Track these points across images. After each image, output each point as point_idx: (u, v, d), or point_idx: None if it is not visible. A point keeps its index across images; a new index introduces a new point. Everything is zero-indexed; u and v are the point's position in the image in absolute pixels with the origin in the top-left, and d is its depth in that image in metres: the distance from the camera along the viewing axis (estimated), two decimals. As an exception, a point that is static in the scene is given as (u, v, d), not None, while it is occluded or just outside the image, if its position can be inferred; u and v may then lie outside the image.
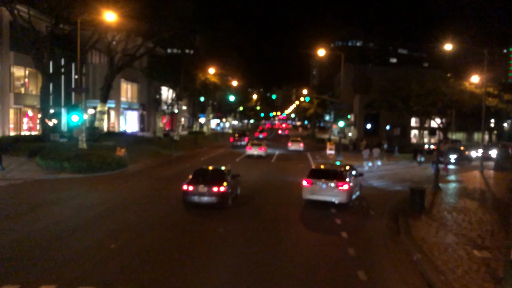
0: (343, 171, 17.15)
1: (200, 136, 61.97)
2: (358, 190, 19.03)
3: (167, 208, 16.54)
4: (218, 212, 15.73)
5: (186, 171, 26.91)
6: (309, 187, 16.68)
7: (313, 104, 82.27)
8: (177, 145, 45.32)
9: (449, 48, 30.16)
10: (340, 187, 16.32)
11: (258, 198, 19.35)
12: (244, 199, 18.55)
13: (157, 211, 16.04)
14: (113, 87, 45.46)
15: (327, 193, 16.49)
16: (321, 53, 35.48)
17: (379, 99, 42.03)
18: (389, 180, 26.13)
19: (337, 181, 16.36)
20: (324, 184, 16.49)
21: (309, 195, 16.81)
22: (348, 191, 16.43)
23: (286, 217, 15.59)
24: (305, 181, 16.84)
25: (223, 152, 42.39)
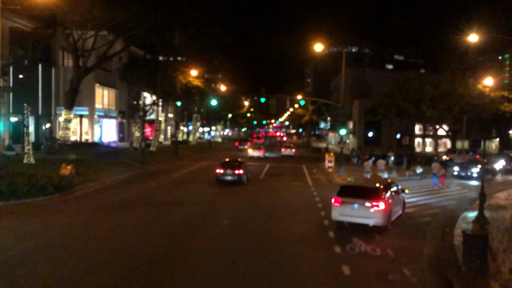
0: (379, 188, 14.87)
1: (184, 146, 56.00)
2: (400, 209, 16.82)
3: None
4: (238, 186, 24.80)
5: (146, 194, 21.07)
6: (339, 207, 14.72)
7: (308, 111, 76.68)
8: (153, 158, 39.40)
9: (474, 39, 24.52)
10: (376, 207, 14.11)
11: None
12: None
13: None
14: (80, 91, 39.45)
15: (360, 214, 14.36)
16: (319, 48, 29.80)
17: (386, 102, 36.27)
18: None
19: (372, 199, 14.19)
20: (356, 203, 14.38)
21: (339, 216, 14.82)
22: (385, 212, 14.22)
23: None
24: (335, 200, 14.89)
25: (204, 167, 36.43)
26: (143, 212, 16.82)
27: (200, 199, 20.02)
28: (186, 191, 22.60)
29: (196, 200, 19.76)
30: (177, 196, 20.96)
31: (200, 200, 19.75)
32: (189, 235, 13.72)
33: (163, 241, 12.88)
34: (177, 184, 25.07)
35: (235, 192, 22.44)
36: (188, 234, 13.92)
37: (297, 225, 15.52)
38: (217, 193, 22.15)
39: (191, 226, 14.94)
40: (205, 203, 19.16)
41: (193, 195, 21.31)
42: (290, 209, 18.25)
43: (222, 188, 23.85)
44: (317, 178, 29.51)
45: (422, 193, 23.64)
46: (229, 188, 23.93)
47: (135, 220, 15.49)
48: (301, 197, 21.51)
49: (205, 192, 22.22)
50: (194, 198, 20.50)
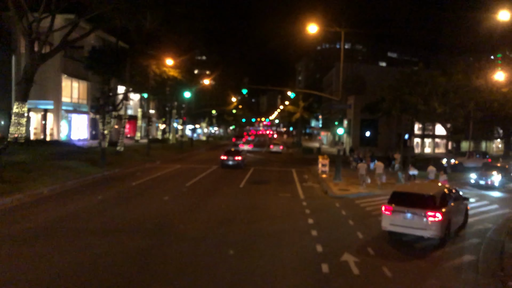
0: (435, 196, 13.12)
1: (161, 145, 50.45)
2: (461, 219, 15.21)
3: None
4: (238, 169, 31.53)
5: (80, 214, 15.69)
6: (390, 215, 13.18)
7: (299, 108, 71.48)
8: (119, 159, 33.88)
9: (507, 17, 19.47)
10: (431, 217, 12.47)
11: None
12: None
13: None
14: (35, 82, 33.64)
15: (414, 225, 12.75)
16: (313, 29, 24.50)
17: (390, 97, 31.12)
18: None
19: (427, 209, 12.58)
20: (409, 212, 12.84)
21: (390, 226, 13.29)
22: (441, 223, 12.53)
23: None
24: (385, 208, 13.33)
25: (176, 171, 31.07)
26: (54, 248, 11.41)
27: (150, 223, 14.64)
28: (137, 208, 17.18)
29: (143, 225, 14.34)
30: (120, 216, 15.52)
31: (148, 225, 14.35)
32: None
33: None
34: (132, 196, 19.65)
35: (201, 209, 17.09)
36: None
37: (283, 276, 10.22)
38: (177, 211, 16.81)
39: (115, 276, 9.57)
40: (154, 230, 13.77)
41: (144, 214, 15.90)
42: (272, 242, 12.95)
43: (186, 203, 18.51)
44: (310, 187, 24.27)
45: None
46: (196, 202, 18.59)
47: (31, 263, 10.09)
48: (288, 218, 16.22)
49: (162, 210, 16.83)
50: (142, 220, 15.09)
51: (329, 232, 14.12)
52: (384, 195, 22.11)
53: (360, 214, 17.14)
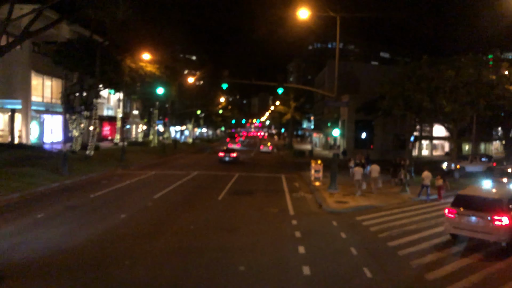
0: (502, 198, 12.56)
1: (141, 148, 46.68)
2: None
3: None
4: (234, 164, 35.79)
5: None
6: (454, 219, 12.75)
7: (290, 108, 67.99)
8: (87, 165, 30.15)
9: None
10: (497, 222, 11.82)
11: None
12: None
13: None
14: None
15: (478, 229, 12.23)
16: (304, 14, 21.00)
17: (390, 95, 27.67)
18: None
19: (493, 213, 11.97)
20: (474, 216, 12.35)
21: (453, 229, 12.85)
22: (509, 228, 11.77)
23: None
24: (449, 211, 12.95)
25: (149, 178, 27.40)
26: None
27: (87, 256, 10.96)
28: (80, 231, 13.45)
29: (73, 261, 10.66)
30: (49, 245, 11.76)
31: (82, 261, 10.67)
32: None
33: None
34: (82, 214, 15.91)
35: (162, 233, 13.43)
36: None
37: None
38: (129, 237, 13.13)
39: None
40: (85, 269, 10.09)
41: (83, 243, 12.18)
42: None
43: (146, 223, 14.85)
44: (301, 199, 20.69)
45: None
46: (158, 221, 14.93)
47: None
48: (273, 245, 12.61)
49: (111, 235, 13.11)
50: (77, 251, 11.40)
51: (325, 268, 10.57)
52: (387, 208, 18.69)
53: (364, 238, 13.62)
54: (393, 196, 21.78)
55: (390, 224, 15.46)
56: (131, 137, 63.36)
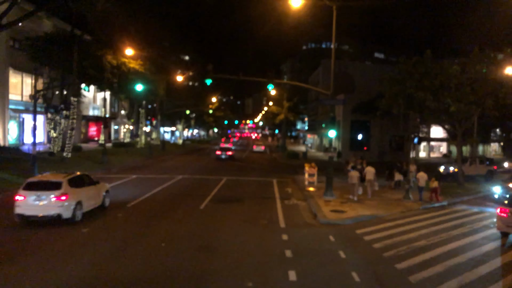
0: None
1: (126, 150, 44.34)
2: None
3: None
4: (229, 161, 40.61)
5: None
6: (507, 218, 13.45)
7: (283, 108, 65.86)
8: (62, 167, 27.84)
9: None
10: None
11: None
12: None
13: None
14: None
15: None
16: (297, 2, 18.89)
17: (390, 93, 25.59)
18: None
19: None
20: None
21: (506, 228, 13.60)
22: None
23: None
24: (501, 210, 13.65)
25: (129, 183, 25.17)
26: None
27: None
28: (11, 261, 11.25)
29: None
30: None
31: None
32: None
33: None
34: (32, 230, 13.67)
35: (127, 253, 11.23)
36: None
37: None
38: (90, 258, 10.92)
39: None
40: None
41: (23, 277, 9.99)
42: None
43: (112, 239, 12.63)
44: (293, 207, 18.53)
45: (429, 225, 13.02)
46: (127, 236, 12.72)
47: None
48: (259, 270, 10.42)
49: (67, 263, 10.92)
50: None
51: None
52: (390, 218, 16.61)
53: (367, 258, 11.49)
54: (396, 204, 19.71)
55: (396, 239, 13.37)
56: (119, 138, 61.03)
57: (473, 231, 14.93)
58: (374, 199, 20.67)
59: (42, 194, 13.35)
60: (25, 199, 13.29)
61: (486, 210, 19.06)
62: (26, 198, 13.29)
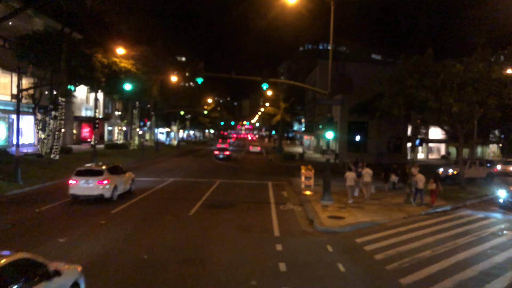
0: None
1: (117, 151, 43.25)
2: None
3: None
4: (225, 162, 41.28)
5: None
6: None
7: (279, 109, 64.91)
8: (49, 170, 26.84)
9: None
10: None
11: None
12: None
13: None
14: None
15: None
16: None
17: (389, 93, 24.62)
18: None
19: None
20: None
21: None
22: None
23: None
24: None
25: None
26: None
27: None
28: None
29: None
30: None
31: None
32: None
33: None
34: (7, 238, 12.62)
35: (106, 264, 10.18)
36: None
37: None
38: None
39: None
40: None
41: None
42: None
43: (91, 251, 11.57)
44: (289, 213, 17.52)
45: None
46: (108, 247, 11.67)
47: None
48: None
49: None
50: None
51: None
52: (391, 225, 15.64)
53: (368, 271, 10.49)
54: (397, 209, 18.73)
55: (399, 249, 12.37)
56: (114, 139, 59.85)
57: (480, 239, 13.97)
58: (374, 204, 19.70)
59: (89, 179, 17.69)
60: (77, 182, 17.69)
61: (491, 216, 18.12)
62: (77, 182, 17.70)
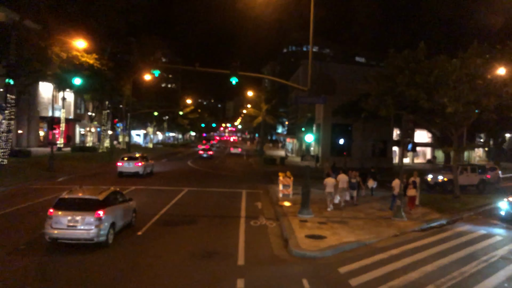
0: None
1: (83, 155, 39.91)
2: None
3: None
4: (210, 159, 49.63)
5: None
6: None
7: (261, 111, 62.24)
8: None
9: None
10: None
11: None
12: None
13: None
14: None
15: None
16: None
17: (377, 92, 22.12)
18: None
19: None
20: None
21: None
22: None
23: None
24: None
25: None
26: None
27: None
28: None
29: None
30: None
31: None
32: None
33: None
34: None
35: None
36: None
37: None
38: None
39: None
40: None
41: None
42: None
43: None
44: (260, 231, 14.71)
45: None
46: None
47: None
48: None
49: None
50: None
51: None
52: (382, 246, 13.01)
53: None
54: (386, 224, 16.14)
55: (394, 284, 9.72)
56: (86, 142, 56.32)
57: (491, 267, 11.42)
58: (359, 217, 17.12)
59: (130, 162, 28.39)
60: (122, 164, 28.25)
61: (495, 233, 15.66)
62: (123, 164, 28.26)
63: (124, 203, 13.49)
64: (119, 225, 12.82)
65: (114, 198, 12.82)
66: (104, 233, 11.50)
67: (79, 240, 11.32)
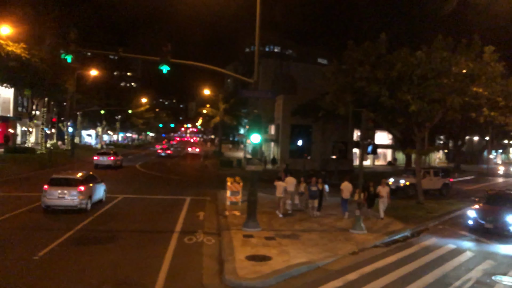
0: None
1: (17, 156, 35.85)
2: None
3: None
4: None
5: None
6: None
7: (219, 111, 59.58)
8: None
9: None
10: None
11: None
12: None
13: None
14: None
15: None
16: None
17: (335, 88, 20.07)
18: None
19: None
20: None
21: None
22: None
23: None
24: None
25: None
26: None
27: None
28: None
29: None
30: None
31: None
32: None
33: None
34: None
35: None
36: None
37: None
38: None
39: None
40: None
41: None
42: None
43: None
44: (193, 251, 12.11)
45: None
46: None
47: None
48: None
49: None
50: None
51: None
52: (337, 269, 10.67)
53: None
54: (343, 238, 13.95)
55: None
56: (29, 142, 51.69)
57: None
58: (313, 229, 14.89)
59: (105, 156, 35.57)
60: (98, 158, 35.38)
61: (465, 247, 13.79)
62: (98, 158, 35.45)
63: (98, 184, 17.94)
64: (95, 198, 17.41)
65: (91, 179, 17.43)
66: (84, 202, 15.97)
67: (66, 206, 15.77)
